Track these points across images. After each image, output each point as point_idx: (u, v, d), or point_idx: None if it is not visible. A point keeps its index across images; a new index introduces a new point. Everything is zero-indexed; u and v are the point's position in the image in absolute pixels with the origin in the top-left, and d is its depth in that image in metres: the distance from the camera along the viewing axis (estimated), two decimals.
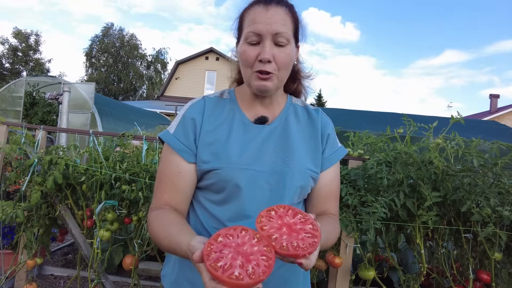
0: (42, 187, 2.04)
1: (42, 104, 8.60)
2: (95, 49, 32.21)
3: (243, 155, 0.85)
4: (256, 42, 0.83)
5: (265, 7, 0.83)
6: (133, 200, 1.98)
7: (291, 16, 0.86)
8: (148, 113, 12.10)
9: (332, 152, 0.96)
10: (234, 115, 0.91)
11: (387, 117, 6.04)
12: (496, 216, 1.56)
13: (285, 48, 0.83)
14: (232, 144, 0.86)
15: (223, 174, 0.83)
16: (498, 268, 1.72)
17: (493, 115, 20.29)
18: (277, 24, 0.81)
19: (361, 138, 1.98)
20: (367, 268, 1.81)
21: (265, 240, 0.60)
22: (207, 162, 0.84)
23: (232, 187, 0.83)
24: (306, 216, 0.66)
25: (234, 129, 0.89)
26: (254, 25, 0.82)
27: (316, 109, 1.00)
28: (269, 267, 0.55)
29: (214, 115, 0.90)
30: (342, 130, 2.14)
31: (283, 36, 0.82)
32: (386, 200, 1.56)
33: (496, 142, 1.47)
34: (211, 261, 0.55)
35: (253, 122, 0.91)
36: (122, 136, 2.11)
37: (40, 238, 2.26)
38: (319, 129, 0.95)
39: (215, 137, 0.87)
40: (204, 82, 20.91)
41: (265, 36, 0.81)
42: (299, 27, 0.90)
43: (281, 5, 0.84)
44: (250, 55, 0.83)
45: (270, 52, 0.81)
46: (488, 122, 7.12)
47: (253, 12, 0.84)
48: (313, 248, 0.59)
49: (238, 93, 0.96)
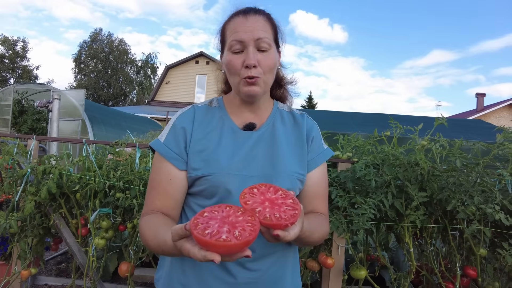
0: (36, 197, 2.04)
1: (31, 112, 8.50)
2: (84, 54, 31.94)
3: (233, 161, 0.88)
4: (240, 50, 0.86)
5: (244, 16, 0.88)
6: (128, 208, 2.00)
7: (270, 23, 0.91)
8: (139, 118, 12.04)
9: (317, 154, 0.99)
10: (224, 123, 0.94)
11: (376, 118, 6.13)
12: (480, 213, 1.62)
13: (268, 52, 0.88)
14: (222, 151, 0.89)
15: (214, 180, 0.86)
16: (483, 264, 1.78)
17: (479, 113, 20.66)
18: (258, 30, 0.86)
19: (349, 141, 2.03)
20: (358, 267, 1.86)
21: (249, 212, 0.63)
22: (198, 169, 0.87)
23: (223, 192, 0.86)
24: (286, 192, 0.70)
25: (224, 136, 0.92)
26: (236, 34, 0.86)
27: (302, 113, 1.03)
28: (254, 231, 0.57)
29: (204, 123, 0.93)
30: (332, 133, 2.19)
31: (264, 41, 0.86)
32: (374, 201, 1.61)
33: (478, 143, 1.54)
34: (198, 230, 0.56)
35: (242, 128, 0.94)
36: (115, 144, 2.13)
37: (34, 248, 2.26)
38: (304, 132, 0.98)
39: (205, 144, 0.89)
40: (194, 86, 20.87)
41: (248, 42, 0.85)
42: (278, 33, 0.95)
43: (259, 14, 0.89)
44: (236, 63, 0.86)
45: (254, 57, 0.85)
46: (475, 121, 7.28)
47: (233, 23, 0.89)
48: (294, 219, 0.63)
49: (227, 101, 1.00)
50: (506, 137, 1.60)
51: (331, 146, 2.06)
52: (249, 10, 0.89)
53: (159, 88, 21.45)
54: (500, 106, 20.99)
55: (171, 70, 21.24)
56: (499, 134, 1.61)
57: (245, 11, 0.89)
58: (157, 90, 21.46)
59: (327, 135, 2.11)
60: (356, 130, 4.73)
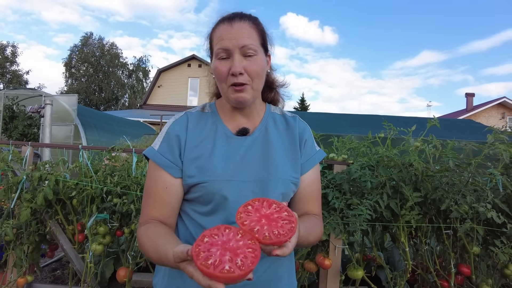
0: (32, 203, 2.03)
1: (22, 117, 8.41)
2: (75, 59, 31.68)
3: (228, 167, 0.89)
4: (226, 57, 0.87)
5: (229, 23, 0.88)
6: (125, 213, 2.00)
7: (256, 28, 0.90)
8: (132, 122, 11.98)
9: (310, 156, 1.00)
10: (217, 128, 0.94)
11: (369, 119, 6.20)
12: (473, 212, 1.66)
13: (254, 58, 0.88)
14: (217, 158, 0.89)
15: (210, 187, 0.87)
16: (477, 261, 1.82)
17: (469, 113, 21.00)
18: (242, 37, 0.86)
19: (344, 143, 2.06)
20: (355, 268, 1.88)
21: (248, 234, 0.64)
22: (193, 176, 0.88)
23: (219, 198, 0.87)
24: (280, 204, 0.71)
25: (218, 142, 0.92)
26: (221, 42, 0.87)
27: (294, 116, 1.04)
28: (256, 257, 0.59)
29: (198, 130, 0.93)
30: (327, 135, 2.22)
31: (250, 47, 0.86)
32: (370, 202, 1.64)
33: (469, 143, 1.58)
34: (201, 260, 0.58)
35: (235, 134, 0.95)
36: (112, 150, 2.13)
37: (30, 255, 2.24)
38: (297, 135, 0.99)
39: (199, 151, 0.90)
40: (187, 89, 20.82)
41: (233, 50, 0.86)
42: (265, 37, 0.94)
43: (244, 20, 0.89)
44: (222, 70, 0.87)
45: (240, 64, 0.85)
46: (465, 120, 7.40)
47: (219, 30, 0.89)
48: (292, 233, 0.64)
49: (219, 106, 1.00)
50: (496, 137, 1.65)
51: (326, 148, 2.09)
52: (234, 16, 0.89)
53: (151, 92, 21.36)
54: (489, 105, 21.37)
55: (163, 74, 21.17)
56: (490, 135, 1.66)
57: (230, 17, 0.89)
58: (150, 94, 21.37)
59: (321, 137, 2.14)
60: (349, 132, 4.78)
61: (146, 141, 5.69)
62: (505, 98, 20.96)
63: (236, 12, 0.92)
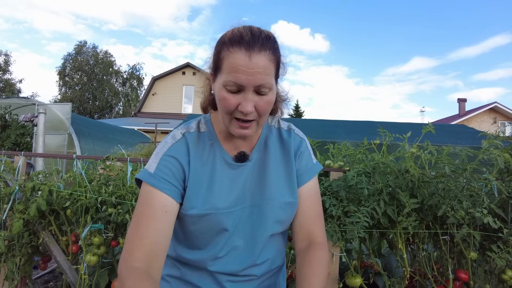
0: (25, 215, 2.00)
1: (14, 126, 8.32)
2: (68, 67, 31.58)
3: (229, 199, 0.87)
4: (236, 90, 0.78)
5: (247, 53, 0.75)
6: (120, 223, 1.97)
7: (274, 60, 0.80)
8: (126, 130, 11.92)
9: (304, 171, 0.96)
10: (215, 154, 0.90)
11: (364, 125, 6.24)
12: (469, 217, 1.66)
13: (267, 96, 0.80)
14: (218, 188, 0.87)
15: (210, 219, 0.85)
16: (474, 267, 1.82)
17: (462, 118, 21.26)
18: (260, 75, 0.76)
19: (340, 150, 2.07)
20: (353, 275, 1.87)
21: None
22: (194, 208, 0.84)
23: (218, 229, 0.86)
24: None
25: (218, 169, 0.88)
26: (235, 75, 0.75)
27: (289, 129, 0.99)
28: None
29: (198, 155, 0.88)
30: (322, 142, 2.23)
31: (266, 86, 0.78)
32: (367, 209, 1.64)
33: (464, 149, 1.58)
34: None
35: (234, 159, 0.90)
36: (107, 159, 2.11)
37: (22, 267, 2.20)
38: (292, 154, 0.95)
39: (200, 180, 0.86)
40: (181, 97, 20.82)
41: (247, 88, 0.77)
42: (280, 65, 0.85)
43: (264, 49, 0.77)
44: (230, 104, 0.78)
45: (252, 104, 0.78)
46: (458, 126, 7.47)
47: (233, 58, 0.76)
48: None
49: (215, 122, 0.93)
50: (490, 143, 1.66)
51: (322, 155, 2.09)
52: (254, 44, 0.76)
53: (145, 100, 21.32)
54: (481, 110, 21.67)
55: (158, 81, 21.16)
56: (484, 140, 1.67)
57: (249, 44, 0.75)
58: (144, 102, 21.32)
59: (317, 144, 2.14)
60: (344, 138, 4.80)
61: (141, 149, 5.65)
62: (496, 103, 21.28)
63: (256, 35, 0.78)
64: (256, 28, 0.80)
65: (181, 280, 0.93)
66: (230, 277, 0.90)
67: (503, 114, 21.59)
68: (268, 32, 0.81)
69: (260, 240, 0.91)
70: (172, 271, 0.93)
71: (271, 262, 0.95)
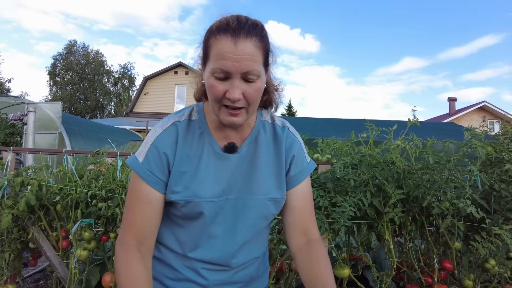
0: (14, 210, 1.99)
1: (3, 125, 8.22)
2: (59, 67, 31.22)
3: (214, 189, 0.88)
4: (223, 78, 0.78)
5: (233, 40, 0.75)
6: (110, 217, 1.97)
7: (262, 47, 0.80)
8: (117, 130, 11.83)
9: (299, 171, 0.97)
10: (204, 141, 0.90)
11: (353, 123, 6.30)
12: (454, 208, 1.71)
13: (256, 82, 0.80)
14: (203, 176, 0.88)
15: (191, 206, 0.87)
16: (459, 257, 1.86)
17: (452, 117, 21.58)
18: (246, 62, 0.76)
19: (328, 144, 2.10)
20: (341, 266, 1.89)
21: None
22: (177, 193, 0.86)
23: (196, 214, 0.88)
24: None
25: (205, 158, 0.89)
26: (222, 62, 0.76)
27: (283, 126, 0.99)
28: None
29: (187, 144, 0.89)
30: (311, 138, 2.25)
31: (253, 73, 0.78)
32: (354, 200, 1.67)
33: (448, 141, 1.63)
34: None
35: (223, 149, 0.91)
36: (96, 153, 2.11)
37: (12, 263, 2.18)
38: (283, 151, 0.96)
39: (186, 167, 0.87)
40: (174, 97, 20.75)
41: (234, 74, 0.77)
42: (269, 53, 0.86)
43: (250, 36, 0.77)
44: (218, 91, 0.79)
45: (239, 92, 0.78)
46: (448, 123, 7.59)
47: (220, 44, 0.77)
48: None
49: (207, 111, 0.94)
50: (472, 135, 1.71)
51: (311, 149, 2.12)
52: (240, 30, 0.76)
53: (137, 99, 21.19)
54: (470, 109, 22.04)
55: (150, 81, 21.06)
56: (467, 132, 1.72)
57: (235, 30, 0.76)
58: (136, 101, 21.19)
59: (306, 138, 2.16)
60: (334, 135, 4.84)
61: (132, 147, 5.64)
62: (485, 102, 21.65)
63: (242, 22, 0.78)
64: (243, 16, 0.81)
65: (161, 262, 0.95)
66: (207, 265, 0.92)
67: (492, 113, 21.98)
68: (255, 20, 0.82)
69: (240, 232, 0.92)
70: (154, 252, 0.95)
71: (249, 254, 0.97)
